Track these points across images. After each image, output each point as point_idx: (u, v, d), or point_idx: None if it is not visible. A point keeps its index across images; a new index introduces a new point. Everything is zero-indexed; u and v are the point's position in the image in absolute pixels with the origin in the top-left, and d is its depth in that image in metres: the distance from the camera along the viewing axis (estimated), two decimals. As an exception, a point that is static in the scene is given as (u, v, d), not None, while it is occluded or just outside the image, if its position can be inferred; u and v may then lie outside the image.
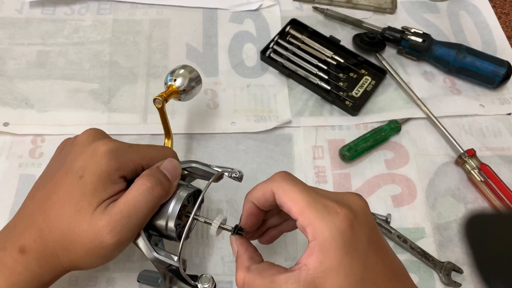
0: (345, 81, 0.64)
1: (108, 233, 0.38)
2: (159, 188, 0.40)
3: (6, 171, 0.56)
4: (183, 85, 0.51)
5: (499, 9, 0.75)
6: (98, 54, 0.66)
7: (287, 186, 0.37)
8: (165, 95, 0.50)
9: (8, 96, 0.61)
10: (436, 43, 0.65)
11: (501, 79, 0.62)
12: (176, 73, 0.52)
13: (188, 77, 0.52)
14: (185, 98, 0.53)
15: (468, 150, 0.58)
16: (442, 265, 0.51)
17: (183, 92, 0.52)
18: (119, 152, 0.41)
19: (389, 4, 0.72)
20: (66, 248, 0.39)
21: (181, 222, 0.43)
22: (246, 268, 0.38)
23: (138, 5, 0.71)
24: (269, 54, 0.65)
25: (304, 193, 0.36)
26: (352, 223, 0.34)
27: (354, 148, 0.58)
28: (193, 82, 0.52)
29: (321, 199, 0.35)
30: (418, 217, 0.55)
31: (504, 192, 0.55)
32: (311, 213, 0.35)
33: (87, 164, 0.39)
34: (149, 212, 0.40)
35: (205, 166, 0.45)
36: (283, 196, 0.37)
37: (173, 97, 0.51)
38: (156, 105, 0.50)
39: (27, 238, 0.39)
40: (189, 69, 0.53)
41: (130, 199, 0.39)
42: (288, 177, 0.38)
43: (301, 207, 0.35)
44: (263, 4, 0.71)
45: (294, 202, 0.36)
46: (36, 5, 0.70)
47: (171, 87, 0.51)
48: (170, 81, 0.51)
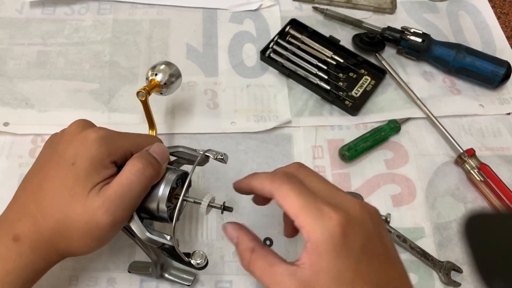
0: (344, 81, 0.64)
1: (103, 213, 0.39)
2: (151, 169, 0.41)
3: (6, 171, 0.56)
4: (164, 79, 0.54)
5: (499, 9, 0.75)
6: (98, 54, 0.66)
7: (284, 190, 0.38)
8: (148, 88, 0.52)
9: (8, 96, 0.61)
10: (436, 43, 0.65)
11: (500, 79, 0.62)
12: (157, 68, 0.54)
13: (169, 72, 0.54)
14: (166, 92, 0.55)
15: (467, 150, 0.58)
16: (442, 265, 0.51)
17: (164, 85, 0.54)
18: (109, 138, 0.42)
19: (388, 4, 0.73)
20: (61, 235, 0.39)
21: (171, 204, 0.44)
22: (251, 250, 0.39)
23: (138, 5, 0.71)
24: (269, 54, 0.65)
25: (300, 196, 0.37)
26: (344, 229, 0.35)
27: (354, 148, 0.58)
28: (173, 77, 0.55)
29: (316, 203, 0.36)
30: (417, 216, 0.55)
31: (503, 192, 0.55)
32: (305, 216, 0.36)
33: (78, 151, 0.40)
34: (141, 191, 0.41)
35: (191, 150, 0.47)
36: (281, 199, 0.38)
37: (155, 90, 0.53)
38: (140, 98, 0.51)
39: (21, 227, 0.39)
40: (169, 64, 0.55)
41: (123, 180, 0.40)
42: (288, 180, 0.39)
43: (296, 211, 0.36)
44: (263, 4, 0.71)
45: (290, 205, 0.37)
46: (36, 5, 0.70)
47: (153, 81, 0.53)
48: (151, 75, 0.54)
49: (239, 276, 0.50)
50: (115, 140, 0.42)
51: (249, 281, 0.50)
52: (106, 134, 0.42)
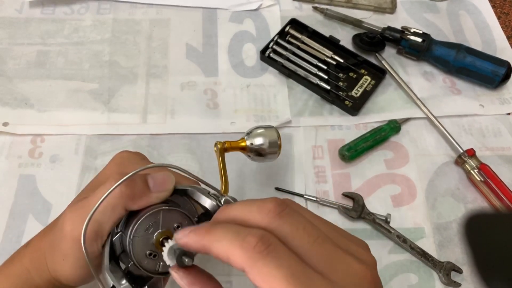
0: (344, 81, 0.64)
1: (67, 220, 0.36)
2: (123, 185, 0.34)
3: (6, 171, 0.56)
4: (254, 145, 0.48)
5: (499, 9, 0.75)
6: (98, 54, 0.66)
7: (265, 268, 0.26)
8: (227, 144, 0.46)
9: (7, 96, 0.61)
10: (436, 43, 0.65)
11: (501, 79, 0.62)
12: (255, 132, 0.48)
13: (263, 140, 0.48)
14: (253, 159, 0.49)
15: (468, 150, 0.58)
16: (442, 265, 0.51)
17: (251, 151, 0.48)
18: (128, 160, 0.41)
19: (388, 4, 0.72)
20: (50, 246, 0.38)
21: (156, 253, 0.35)
22: None
23: (138, 5, 0.71)
24: (268, 54, 0.65)
25: (291, 279, 0.26)
26: None
27: (354, 148, 0.58)
28: (268, 148, 0.48)
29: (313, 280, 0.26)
30: (418, 217, 0.55)
31: (503, 192, 0.55)
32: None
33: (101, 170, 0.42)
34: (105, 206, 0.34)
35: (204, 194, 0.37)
36: (258, 281, 0.26)
37: (237, 150, 0.48)
38: (214, 149, 0.46)
39: (37, 236, 0.41)
40: (270, 133, 0.48)
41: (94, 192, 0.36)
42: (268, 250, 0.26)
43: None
44: (262, 4, 0.71)
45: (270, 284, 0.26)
46: (36, 5, 0.70)
47: (241, 141, 0.48)
48: (246, 135, 0.48)
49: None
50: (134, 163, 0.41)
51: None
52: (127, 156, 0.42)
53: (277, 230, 0.28)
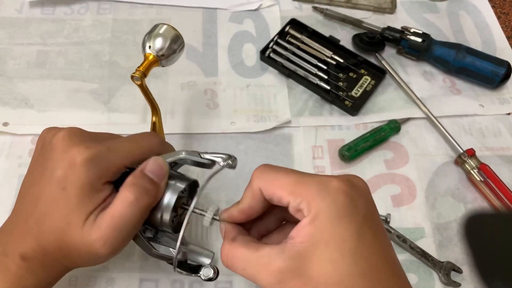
0: (344, 81, 0.64)
1: (101, 246, 0.37)
2: (145, 198, 0.38)
3: (6, 171, 0.56)
4: (161, 51, 0.46)
5: (499, 9, 0.75)
6: (98, 54, 0.66)
7: (271, 176, 0.35)
8: (142, 69, 0.45)
9: (7, 96, 0.61)
10: (436, 43, 0.65)
11: (500, 79, 0.62)
12: (152, 38, 0.46)
13: (165, 40, 0.46)
14: (167, 63, 0.48)
15: (467, 150, 0.58)
16: (442, 265, 0.51)
17: (163, 57, 0.47)
18: (98, 159, 0.38)
19: (388, 4, 0.72)
20: (65, 256, 0.39)
21: (176, 214, 0.42)
22: (231, 239, 0.36)
23: (138, 5, 0.71)
24: (268, 54, 0.65)
25: (291, 174, 0.34)
26: (348, 193, 0.32)
27: (354, 148, 0.58)
28: (173, 45, 0.47)
29: (312, 176, 0.34)
30: (417, 217, 0.55)
31: (503, 192, 0.55)
32: (302, 188, 0.33)
33: (67, 175, 0.38)
34: (138, 221, 0.38)
35: (194, 156, 0.42)
36: (271, 187, 0.35)
37: (154, 67, 0.47)
38: (135, 82, 0.46)
39: (26, 247, 0.38)
40: (165, 31, 0.47)
41: (117, 213, 0.37)
42: (269, 168, 0.36)
43: (291, 188, 0.33)
44: (262, 4, 0.71)
45: (282, 187, 0.34)
46: (36, 5, 0.70)
47: (148, 57, 0.46)
48: (146, 49, 0.46)
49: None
50: (105, 159, 0.39)
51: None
52: (94, 154, 0.38)
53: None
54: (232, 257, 0.36)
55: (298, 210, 0.33)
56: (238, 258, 0.35)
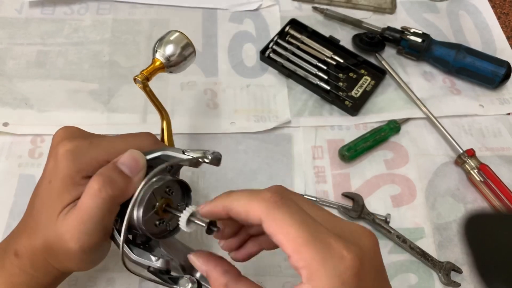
0: (344, 81, 0.64)
1: (69, 239, 0.36)
2: (109, 188, 0.36)
3: (6, 171, 0.56)
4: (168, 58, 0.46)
5: (499, 9, 0.75)
6: (98, 54, 0.66)
7: (280, 215, 0.30)
8: (145, 72, 0.45)
9: (7, 96, 0.61)
10: (436, 43, 0.65)
11: (500, 79, 0.62)
12: (163, 44, 0.46)
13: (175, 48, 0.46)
14: (175, 70, 0.47)
15: (467, 150, 0.58)
16: (442, 265, 0.51)
17: (169, 65, 0.46)
18: (79, 152, 0.38)
19: (388, 4, 0.72)
20: (50, 254, 0.38)
21: (163, 218, 0.39)
22: (224, 285, 0.33)
23: (137, 5, 0.71)
24: (268, 54, 0.65)
25: (302, 226, 0.29)
26: (358, 272, 0.29)
27: (354, 148, 0.58)
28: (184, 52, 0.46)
29: (323, 236, 0.29)
30: (417, 217, 0.55)
31: (503, 192, 0.55)
32: (309, 253, 0.29)
33: (52, 168, 0.38)
34: (102, 214, 0.36)
35: (178, 153, 0.40)
36: (274, 227, 0.30)
37: (159, 72, 0.46)
38: (137, 85, 0.45)
39: (19, 243, 0.39)
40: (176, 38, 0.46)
41: (82, 204, 0.36)
42: (282, 202, 0.31)
43: (296, 245, 0.29)
44: (262, 4, 0.71)
45: (287, 237, 0.29)
46: (36, 5, 0.70)
47: (153, 63, 0.46)
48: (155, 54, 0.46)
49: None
50: (86, 152, 0.38)
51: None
52: (75, 147, 0.38)
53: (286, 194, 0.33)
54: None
55: (297, 269, 0.30)
56: None
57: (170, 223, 0.40)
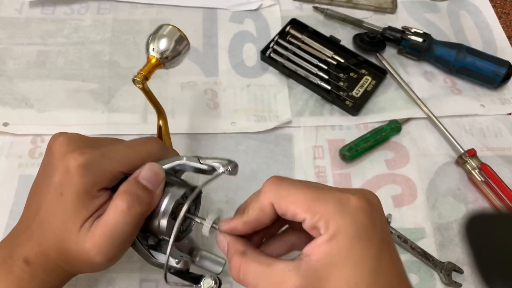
0: (345, 81, 0.64)
1: (95, 254, 0.37)
2: (137, 206, 0.37)
3: (6, 171, 0.56)
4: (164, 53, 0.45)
5: (500, 9, 0.75)
6: (98, 54, 0.66)
7: (285, 190, 0.34)
8: (143, 72, 0.44)
9: (7, 96, 0.61)
10: (437, 43, 0.65)
11: (501, 79, 0.62)
12: (156, 40, 0.45)
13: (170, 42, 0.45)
14: (171, 65, 0.47)
15: (468, 150, 0.58)
16: (443, 265, 0.51)
17: (166, 60, 0.45)
18: (92, 165, 0.38)
19: (389, 4, 0.72)
20: (66, 262, 0.39)
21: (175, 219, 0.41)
22: (242, 253, 0.35)
23: (138, 5, 0.71)
24: (269, 54, 0.65)
25: (307, 189, 0.33)
26: (367, 212, 0.32)
27: (355, 148, 0.58)
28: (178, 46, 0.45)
29: (329, 191, 0.33)
30: (418, 217, 0.55)
31: (504, 192, 0.55)
32: (320, 206, 0.32)
33: (63, 182, 0.38)
34: (131, 230, 0.37)
35: (194, 162, 0.41)
36: (284, 203, 0.33)
37: (156, 69, 0.46)
38: (137, 86, 0.45)
39: (29, 251, 0.38)
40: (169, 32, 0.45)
41: (109, 221, 0.37)
42: (282, 181, 0.34)
43: (307, 205, 0.32)
44: (263, 4, 0.71)
45: (298, 203, 0.33)
46: (36, 5, 0.70)
47: (150, 60, 0.45)
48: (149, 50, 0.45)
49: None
50: (99, 165, 0.38)
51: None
52: (88, 161, 0.37)
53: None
54: (244, 273, 0.34)
55: (314, 227, 0.32)
56: (251, 273, 0.34)
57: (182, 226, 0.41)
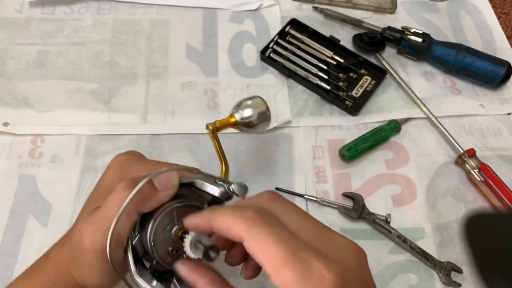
0: (345, 81, 0.64)
1: (85, 235, 0.36)
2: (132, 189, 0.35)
3: (6, 171, 0.56)
4: (244, 119, 0.48)
5: (499, 9, 0.75)
6: (98, 54, 0.66)
7: (259, 234, 0.29)
8: (219, 124, 0.47)
9: (8, 96, 0.61)
10: (436, 43, 0.65)
11: (501, 79, 0.62)
12: (243, 104, 0.49)
13: (253, 112, 0.48)
14: (248, 131, 0.50)
15: (468, 150, 0.58)
16: (442, 265, 0.51)
17: (243, 125, 0.49)
18: (127, 163, 0.40)
19: (389, 4, 0.72)
20: (72, 258, 0.39)
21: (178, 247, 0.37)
22: None
23: (138, 5, 0.71)
24: (269, 54, 0.65)
25: (281, 245, 0.29)
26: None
27: (354, 148, 0.58)
28: (259, 118, 0.49)
29: (304, 254, 0.28)
30: (418, 217, 0.55)
31: (504, 192, 0.55)
32: (288, 272, 0.28)
33: (101, 177, 0.41)
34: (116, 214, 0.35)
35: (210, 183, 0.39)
36: (254, 247, 0.30)
37: (229, 128, 0.49)
38: (207, 131, 0.48)
39: (55, 247, 0.41)
40: (257, 103, 0.49)
41: (104, 204, 0.36)
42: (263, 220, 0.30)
43: (276, 265, 0.28)
44: (263, 4, 0.71)
45: (267, 257, 0.29)
46: (36, 5, 0.70)
47: (230, 117, 0.49)
48: (234, 110, 0.49)
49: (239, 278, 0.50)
50: (134, 165, 0.40)
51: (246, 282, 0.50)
52: (126, 159, 0.40)
53: (271, 208, 0.32)
54: None
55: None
56: None
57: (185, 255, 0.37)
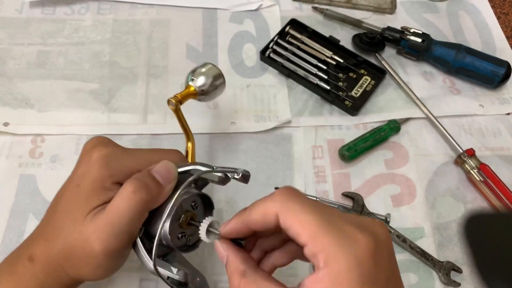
0: (344, 81, 0.64)
1: (94, 240, 0.36)
2: (143, 192, 0.37)
3: (6, 171, 0.56)
4: (201, 86, 0.49)
5: (499, 9, 0.75)
6: (98, 54, 0.66)
7: (295, 206, 0.32)
8: (179, 96, 0.48)
9: (8, 96, 0.61)
10: (436, 43, 0.65)
11: (500, 79, 0.63)
12: (196, 72, 0.50)
13: (208, 77, 0.49)
14: (205, 99, 0.51)
15: (467, 150, 0.58)
16: (442, 265, 0.51)
17: (202, 93, 0.49)
18: (112, 158, 0.39)
19: (388, 4, 0.73)
20: (68, 259, 0.38)
21: (185, 231, 0.40)
22: (241, 273, 0.34)
23: (138, 5, 0.71)
24: (268, 54, 0.65)
25: (316, 214, 0.31)
26: (374, 254, 0.30)
27: (354, 148, 0.58)
28: (215, 82, 0.50)
29: (337, 222, 0.31)
30: (417, 217, 0.55)
31: (503, 192, 0.55)
32: (325, 238, 0.30)
33: (83, 172, 0.39)
34: (132, 217, 0.37)
35: (207, 167, 0.41)
36: (290, 218, 0.31)
37: (190, 98, 0.49)
38: (170, 107, 0.48)
39: (36, 248, 0.39)
40: (209, 69, 0.50)
41: (113, 205, 0.37)
42: (295, 195, 0.33)
43: (313, 231, 0.30)
44: (262, 4, 0.71)
45: (304, 225, 0.31)
46: (36, 5, 0.70)
47: (188, 88, 0.49)
48: (189, 81, 0.49)
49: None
50: (119, 159, 0.39)
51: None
52: (109, 153, 0.39)
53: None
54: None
55: (314, 257, 0.31)
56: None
57: (190, 238, 0.41)
